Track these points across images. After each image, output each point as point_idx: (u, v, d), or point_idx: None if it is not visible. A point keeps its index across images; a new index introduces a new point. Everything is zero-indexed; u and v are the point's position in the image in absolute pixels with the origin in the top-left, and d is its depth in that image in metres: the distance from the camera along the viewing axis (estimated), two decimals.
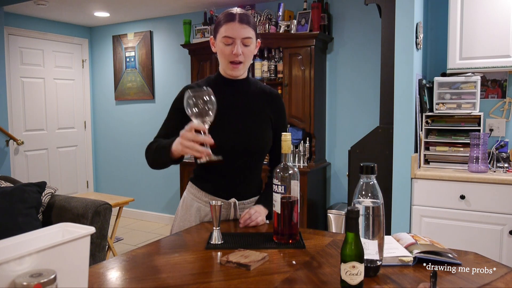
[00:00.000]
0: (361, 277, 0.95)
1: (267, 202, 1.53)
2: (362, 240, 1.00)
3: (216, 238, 1.29)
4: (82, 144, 5.38)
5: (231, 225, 1.53)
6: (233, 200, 1.57)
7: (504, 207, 2.46)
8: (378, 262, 1.04)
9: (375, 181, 1.06)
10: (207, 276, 1.07)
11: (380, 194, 1.05)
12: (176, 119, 1.51)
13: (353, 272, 0.94)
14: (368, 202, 1.04)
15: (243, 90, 1.59)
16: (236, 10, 1.49)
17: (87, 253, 0.91)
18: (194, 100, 1.23)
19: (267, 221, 1.54)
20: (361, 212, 1.02)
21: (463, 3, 2.74)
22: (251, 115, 1.57)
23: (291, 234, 1.29)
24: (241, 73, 1.55)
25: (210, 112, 1.24)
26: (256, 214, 1.49)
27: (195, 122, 1.24)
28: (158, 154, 1.44)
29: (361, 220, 1.01)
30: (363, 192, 1.05)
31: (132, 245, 4.17)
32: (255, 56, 1.67)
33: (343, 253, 0.95)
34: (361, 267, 0.95)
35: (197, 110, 1.23)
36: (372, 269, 1.04)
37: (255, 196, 1.64)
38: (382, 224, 1.04)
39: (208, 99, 1.24)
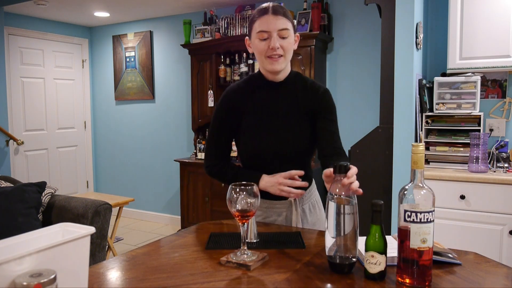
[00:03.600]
0: (380, 267, 1.00)
1: None
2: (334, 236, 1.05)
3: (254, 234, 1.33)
4: (82, 144, 5.39)
5: (237, 225, 1.53)
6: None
7: (504, 207, 2.46)
8: (352, 259, 1.06)
9: None
10: (207, 276, 1.07)
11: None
12: (225, 131, 1.50)
13: (372, 261, 1.00)
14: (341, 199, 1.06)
15: (286, 92, 1.49)
16: (269, 3, 1.40)
17: (87, 253, 0.91)
18: None
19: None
20: (333, 210, 1.04)
21: (463, 3, 2.74)
22: (292, 120, 1.48)
23: None
24: (282, 67, 1.43)
25: None
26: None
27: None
28: (245, 178, 1.38)
29: (332, 215, 1.04)
30: (337, 190, 1.06)
31: (132, 245, 4.17)
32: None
33: (366, 242, 1.02)
34: (380, 258, 1.00)
35: None
36: (347, 266, 1.06)
37: (309, 187, 1.59)
38: (355, 221, 1.05)
39: None
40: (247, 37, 1.48)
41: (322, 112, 1.49)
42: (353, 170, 1.11)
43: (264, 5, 1.40)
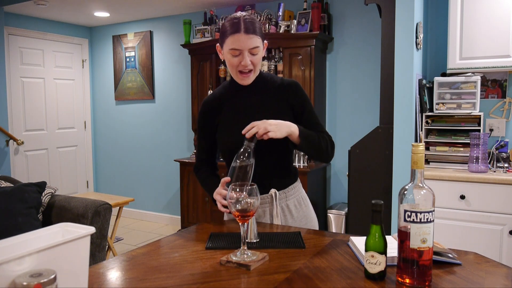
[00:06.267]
0: (380, 267, 1.01)
1: (301, 127, 1.48)
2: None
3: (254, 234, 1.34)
4: (82, 144, 5.39)
5: (237, 225, 1.53)
6: (273, 191, 1.55)
7: (504, 207, 2.46)
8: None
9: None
10: (207, 276, 1.07)
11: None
12: (205, 138, 1.64)
13: (372, 261, 1.01)
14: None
15: (257, 89, 1.58)
16: (241, 17, 1.46)
17: (87, 253, 0.91)
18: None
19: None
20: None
21: (463, 3, 2.74)
22: (268, 112, 1.54)
23: None
24: (252, 80, 1.54)
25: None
26: (268, 123, 1.40)
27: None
28: (206, 190, 1.63)
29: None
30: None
31: (132, 245, 4.17)
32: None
33: (366, 242, 1.02)
34: (380, 258, 1.00)
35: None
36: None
37: (293, 183, 1.63)
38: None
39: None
40: (218, 44, 1.54)
41: (299, 105, 1.58)
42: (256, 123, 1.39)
43: (236, 18, 1.46)
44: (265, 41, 1.54)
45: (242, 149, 1.35)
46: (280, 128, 1.41)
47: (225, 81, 1.67)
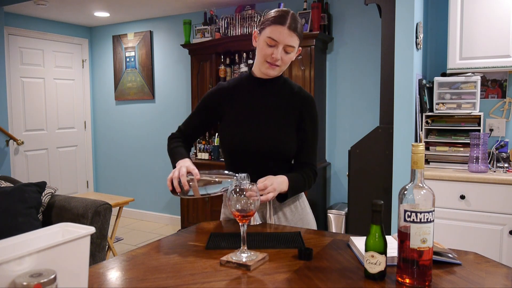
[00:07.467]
0: (380, 267, 1.00)
1: (293, 180, 1.47)
2: None
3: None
4: (82, 144, 5.38)
5: (236, 225, 1.53)
6: None
7: (504, 207, 2.46)
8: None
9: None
10: (207, 276, 1.07)
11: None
12: (200, 117, 1.62)
13: (372, 261, 1.01)
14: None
15: (273, 90, 1.56)
16: (289, 12, 1.45)
17: (87, 253, 0.91)
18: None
19: (259, 222, 1.52)
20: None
21: (463, 3, 2.74)
22: (275, 117, 1.53)
23: None
24: (276, 74, 1.52)
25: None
26: (271, 188, 1.37)
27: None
28: (170, 158, 1.56)
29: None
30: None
31: (132, 245, 4.17)
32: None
33: (366, 242, 1.02)
34: (380, 258, 1.00)
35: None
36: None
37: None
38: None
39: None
40: (256, 30, 1.52)
41: (306, 120, 1.55)
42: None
43: (285, 12, 1.45)
44: (299, 47, 1.52)
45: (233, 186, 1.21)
46: (277, 190, 1.40)
47: (245, 72, 1.65)
